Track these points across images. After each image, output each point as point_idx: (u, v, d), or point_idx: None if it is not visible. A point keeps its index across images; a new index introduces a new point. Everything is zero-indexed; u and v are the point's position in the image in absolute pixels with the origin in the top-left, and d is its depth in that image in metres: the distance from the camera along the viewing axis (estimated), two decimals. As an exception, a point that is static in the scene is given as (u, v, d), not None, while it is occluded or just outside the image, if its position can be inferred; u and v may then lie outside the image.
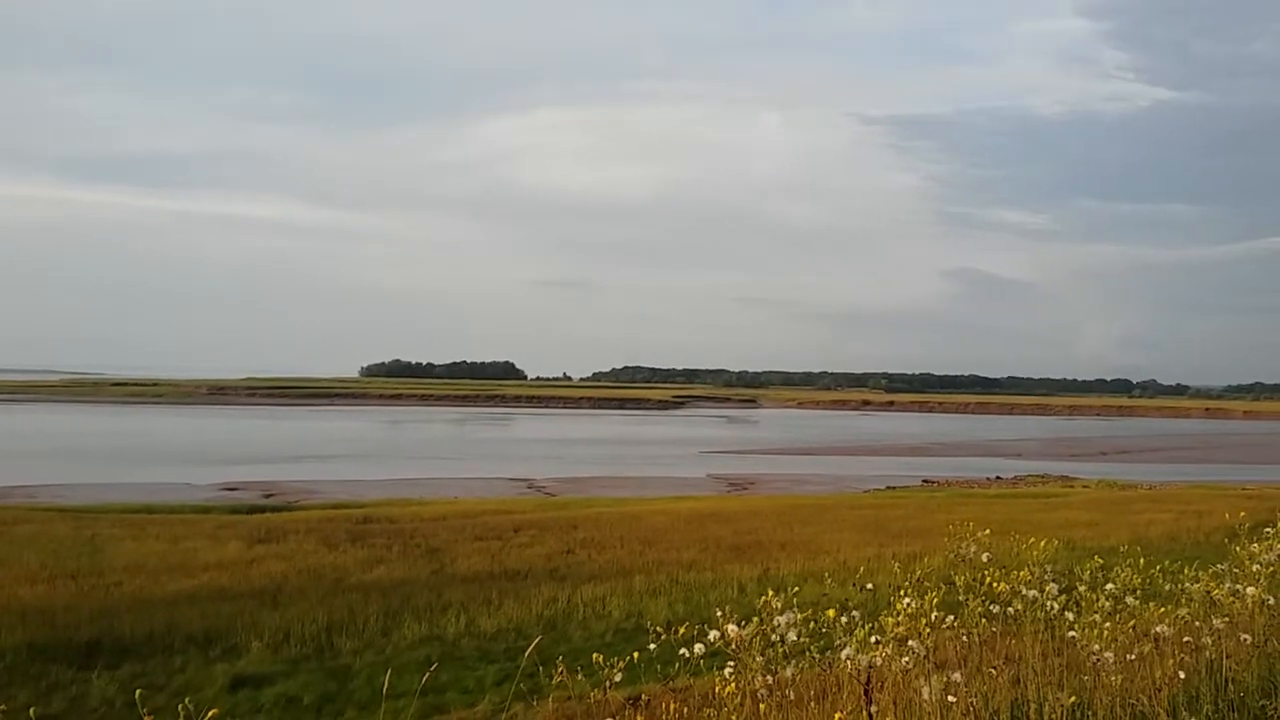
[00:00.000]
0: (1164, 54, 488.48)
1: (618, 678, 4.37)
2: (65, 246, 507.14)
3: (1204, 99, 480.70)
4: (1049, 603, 5.40)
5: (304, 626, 16.19)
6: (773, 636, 4.53)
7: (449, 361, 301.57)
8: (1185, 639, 5.44)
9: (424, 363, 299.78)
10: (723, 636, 4.50)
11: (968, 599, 5.52)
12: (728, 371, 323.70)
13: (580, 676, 4.56)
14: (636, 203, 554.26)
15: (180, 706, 2.69)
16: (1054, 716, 4.73)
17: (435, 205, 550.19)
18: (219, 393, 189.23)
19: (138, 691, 3.27)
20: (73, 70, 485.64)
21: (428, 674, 5.09)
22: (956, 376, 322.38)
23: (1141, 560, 6.28)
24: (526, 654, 5.39)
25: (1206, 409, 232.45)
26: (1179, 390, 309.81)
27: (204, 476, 58.28)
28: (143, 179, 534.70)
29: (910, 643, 4.70)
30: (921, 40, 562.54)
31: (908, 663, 4.65)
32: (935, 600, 5.06)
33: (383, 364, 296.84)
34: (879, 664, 4.52)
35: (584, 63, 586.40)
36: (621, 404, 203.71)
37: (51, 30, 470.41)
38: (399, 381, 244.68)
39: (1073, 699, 4.74)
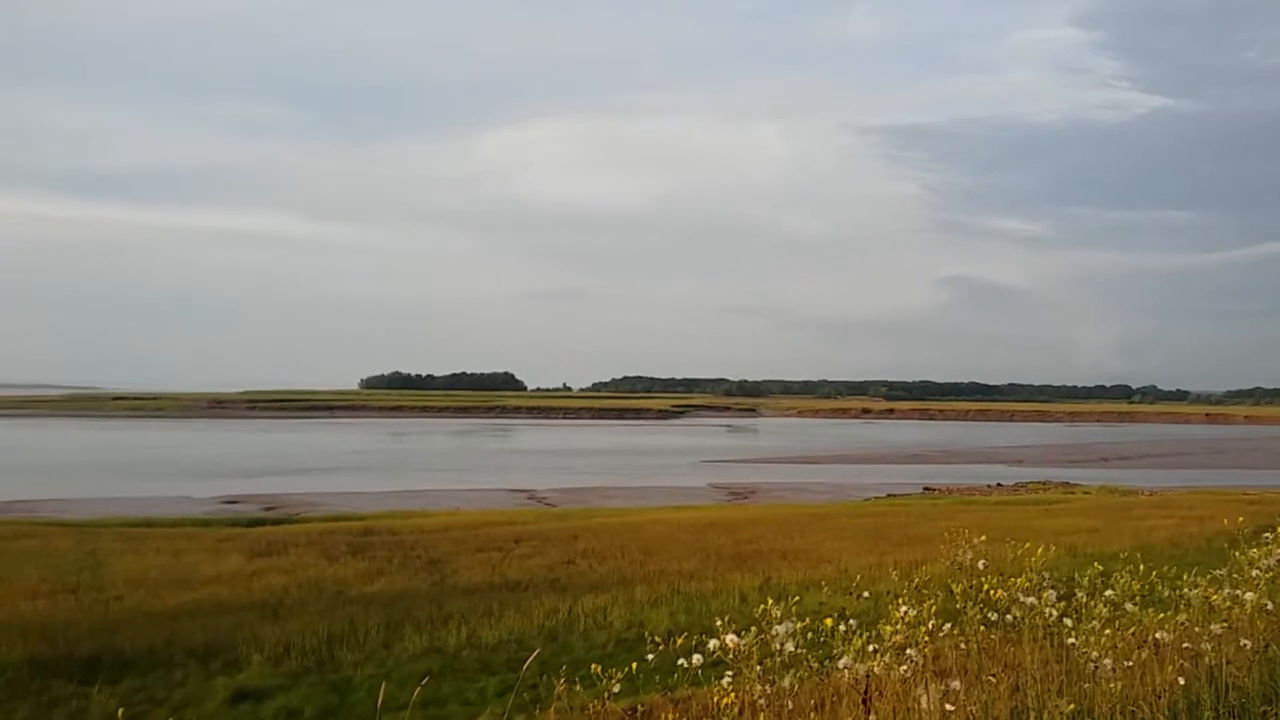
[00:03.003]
0: (1156, 63, 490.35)
1: (616, 689, 4.37)
2: (62, 262, 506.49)
3: (1198, 106, 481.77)
4: (1048, 610, 5.38)
5: (305, 639, 16.15)
6: (772, 646, 4.53)
7: (449, 373, 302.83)
8: (1185, 645, 5.41)
9: (424, 374, 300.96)
10: (722, 646, 4.50)
11: (966, 607, 5.51)
12: (727, 381, 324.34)
13: (579, 688, 4.55)
14: (634, 213, 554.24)
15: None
16: (1053, 724, 4.71)
17: (433, 218, 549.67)
18: (219, 406, 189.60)
19: (119, 710, 3.26)
20: (66, 85, 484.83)
21: (418, 688, 5.08)
22: (956, 384, 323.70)
23: (1141, 566, 6.27)
24: (527, 665, 5.38)
25: (1207, 414, 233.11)
26: (1179, 396, 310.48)
27: (204, 490, 58.29)
28: (138, 194, 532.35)
29: (909, 651, 4.70)
30: (916, 50, 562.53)
31: (906, 671, 4.64)
32: (934, 608, 5.06)
33: (382, 376, 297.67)
34: (877, 673, 4.52)
35: (580, 75, 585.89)
36: (621, 414, 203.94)
37: (42, 44, 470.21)
38: (399, 393, 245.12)
39: (1072, 706, 4.72)
